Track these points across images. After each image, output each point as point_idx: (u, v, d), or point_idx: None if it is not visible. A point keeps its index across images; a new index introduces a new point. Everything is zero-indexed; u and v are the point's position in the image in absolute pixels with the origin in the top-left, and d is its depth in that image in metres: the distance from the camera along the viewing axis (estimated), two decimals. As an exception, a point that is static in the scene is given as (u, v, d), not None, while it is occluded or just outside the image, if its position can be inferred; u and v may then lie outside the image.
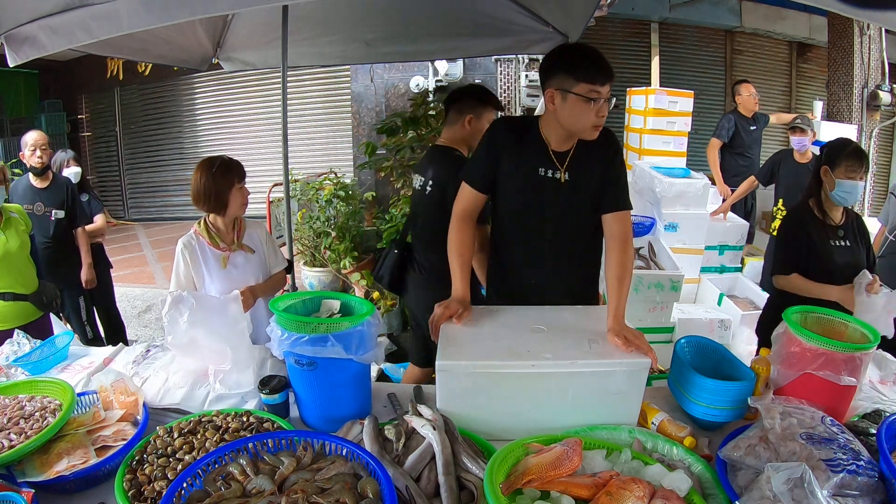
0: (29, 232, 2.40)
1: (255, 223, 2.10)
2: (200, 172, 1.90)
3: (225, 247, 1.96)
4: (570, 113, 1.50)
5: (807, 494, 0.91)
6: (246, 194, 1.96)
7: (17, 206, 2.48)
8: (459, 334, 1.37)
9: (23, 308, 2.33)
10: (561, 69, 1.49)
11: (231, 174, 1.91)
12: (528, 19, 2.76)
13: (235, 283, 1.90)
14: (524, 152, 1.63)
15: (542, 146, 1.62)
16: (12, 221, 2.33)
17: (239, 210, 1.96)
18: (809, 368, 1.26)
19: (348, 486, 0.97)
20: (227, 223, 1.98)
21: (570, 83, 1.47)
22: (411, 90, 4.74)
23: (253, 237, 2.04)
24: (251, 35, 3.07)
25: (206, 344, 1.47)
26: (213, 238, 1.95)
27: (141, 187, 8.05)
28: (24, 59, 1.82)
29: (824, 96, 5.33)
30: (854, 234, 2.13)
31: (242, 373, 1.47)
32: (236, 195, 1.93)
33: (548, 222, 1.67)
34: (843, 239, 2.09)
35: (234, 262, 1.96)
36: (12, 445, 1.12)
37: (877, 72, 5.07)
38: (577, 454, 1.04)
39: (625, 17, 5.90)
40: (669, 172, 3.73)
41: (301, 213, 4.53)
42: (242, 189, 1.95)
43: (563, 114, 1.52)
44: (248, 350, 1.51)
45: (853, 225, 2.14)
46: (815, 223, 2.10)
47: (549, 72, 1.53)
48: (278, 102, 2.92)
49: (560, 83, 1.49)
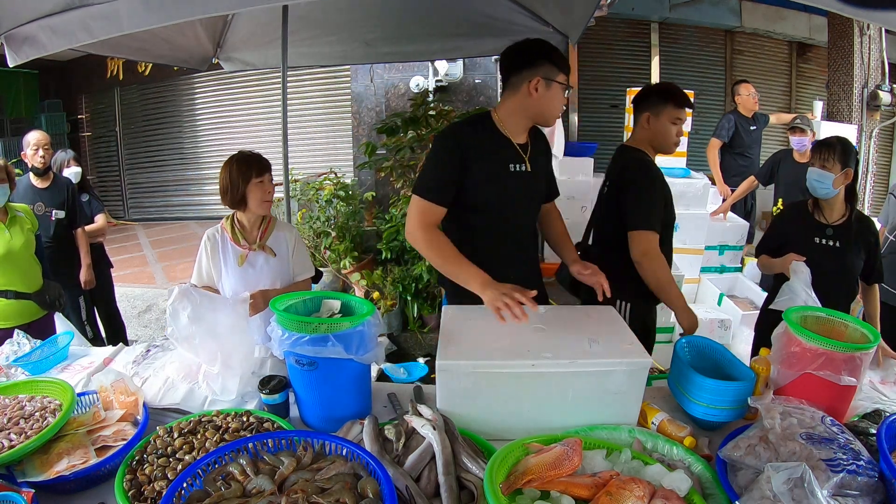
0: (35, 231, 2.42)
1: (286, 226, 2.03)
2: (223, 167, 1.85)
3: (246, 245, 1.90)
4: (551, 100, 1.62)
5: (807, 494, 0.91)
6: (266, 190, 1.86)
7: (24, 205, 2.50)
8: (459, 334, 1.37)
9: (25, 307, 2.34)
10: (547, 60, 1.60)
11: (248, 169, 1.83)
12: (528, 19, 2.77)
13: (249, 284, 1.86)
14: (493, 151, 1.65)
15: (507, 141, 1.67)
16: (18, 220, 2.34)
17: (259, 207, 1.87)
18: (809, 368, 1.26)
19: (348, 486, 0.97)
20: (253, 221, 1.92)
21: (555, 73, 1.60)
22: (411, 90, 4.74)
23: (279, 239, 1.96)
24: (251, 35, 3.07)
25: (202, 342, 1.47)
26: (236, 234, 1.90)
27: (141, 187, 8.06)
28: (24, 59, 1.83)
29: (824, 96, 5.33)
30: (850, 237, 2.04)
31: (229, 379, 1.44)
32: (254, 191, 1.84)
33: (521, 214, 1.76)
34: (831, 239, 2.04)
35: (253, 262, 1.90)
36: (12, 445, 1.12)
37: (877, 72, 5.07)
38: (577, 454, 1.04)
39: (625, 17, 5.90)
40: (669, 172, 3.70)
41: (301, 213, 4.53)
42: (262, 184, 1.85)
43: (543, 101, 1.61)
44: (242, 358, 1.47)
45: (853, 228, 2.05)
46: (804, 220, 2.11)
47: (532, 62, 1.60)
48: (278, 102, 2.92)
49: (546, 72, 1.59)
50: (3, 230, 2.28)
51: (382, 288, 4.19)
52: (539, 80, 1.58)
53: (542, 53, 1.61)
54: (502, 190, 1.66)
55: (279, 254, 1.94)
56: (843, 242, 2.04)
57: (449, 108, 4.21)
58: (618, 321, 1.46)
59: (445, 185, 1.61)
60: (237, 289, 1.85)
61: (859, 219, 2.09)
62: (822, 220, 2.08)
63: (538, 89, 1.59)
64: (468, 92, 4.92)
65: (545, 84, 1.59)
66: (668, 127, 1.92)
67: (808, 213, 2.12)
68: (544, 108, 1.63)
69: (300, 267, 2.00)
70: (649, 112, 1.93)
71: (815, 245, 2.05)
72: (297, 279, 1.99)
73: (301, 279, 2.00)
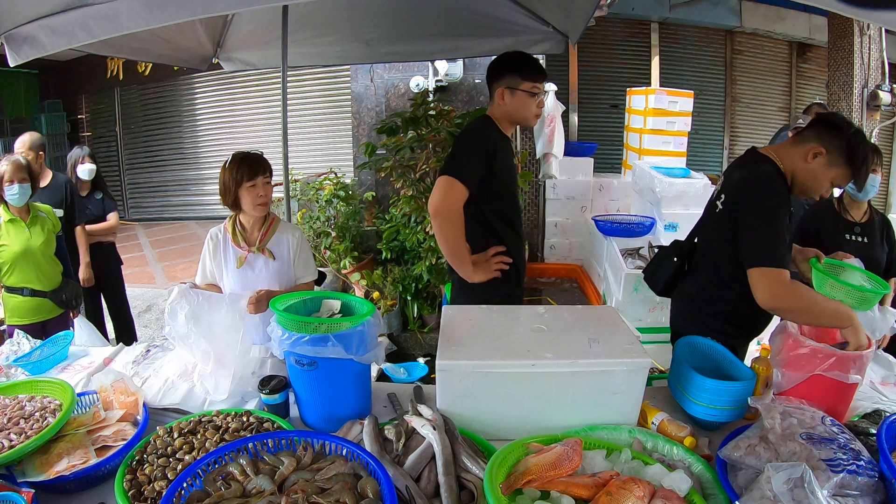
0: (56, 232, 2.53)
1: (290, 228, 1.98)
2: (222, 168, 1.85)
3: (245, 247, 1.88)
4: (518, 106, 1.83)
5: (807, 494, 0.91)
6: (258, 193, 1.82)
7: (47, 206, 2.59)
8: (459, 334, 1.37)
9: (42, 304, 2.45)
10: (510, 70, 1.81)
11: (239, 172, 1.81)
12: (528, 19, 2.76)
13: (248, 286, 1.82)
14: (505, 148, 1.90)
15: (508, 140, 1.93)
16: (39, 219, 2.46)
17: (253, 210, 1.84)
18: (819, 369, 1.25)
19: (348, 486, 0.97)
20: (253, 222, 1.90)
21: (518, 81, 1.80)
22: (411, 90, 4.73)
23: (281, 242, 1.92)
24: (251, 35, 3.07)
25: (196, 341, 1.47)
26: (237, 235, 1.89)
27: (141, 187, 8.06)
28: (24, 59, 1.82)
29: (824, 96, 5.33)
30: (876, 233, 2.23)
31: (222, 378, 1.44)
32: (246, 195, 1.82)
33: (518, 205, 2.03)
34: (860, 235, 2.20)
35: (252, 264, 1.88)
36: (12, 445, 1.12)
37: (877, 72, 5.07)
38: (577, 454, 1.04)
39: (625, 17, 5.90)
40: (669, 172, 3.73)
41: (301, 213, 4.53)
42: (255, 188, 1.81)
43: (511, 108, 1.84)
44: (236, 357, 1.47)
45: (878, 225, 2.25)
46: (832, 218, 2.24)
47: (499, 74, 1.84)
48: (278, 102, 2.92)
49: (509, 82, 1.81)
50: (24, 229, 2.39)
51: (382, 288, 4.18)
52: (503, 89, 1.82)
53: (506, 65, 1.83)
54: (511, 180, 1.95)
55: (279, 256, 1.90)
56: (870, 238, 2.21)
57: (449, 108, 4.21)
58: (618, 321, 1.46)
59: (473, 171, 1.77)
60: (236, 290, 1.84)
61: (879, 217, 2.28)
62: (850, 218, 2.23)
63: (504, 98, 1.83)
64: (468, 92, 4.92)
65: (510, 93, 1.82)
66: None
67: (835, 212, 2.25)
68: (513, 113, 1.85)
69: (303, 269, 1.96)
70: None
71: (847, 241, 2.19)
72: (299, 281, 1.96)
73: (303, 282, 1.96)
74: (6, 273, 2.39)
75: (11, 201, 2.35)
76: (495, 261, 1.86)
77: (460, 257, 1.82)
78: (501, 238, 1.90)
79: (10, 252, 2.35)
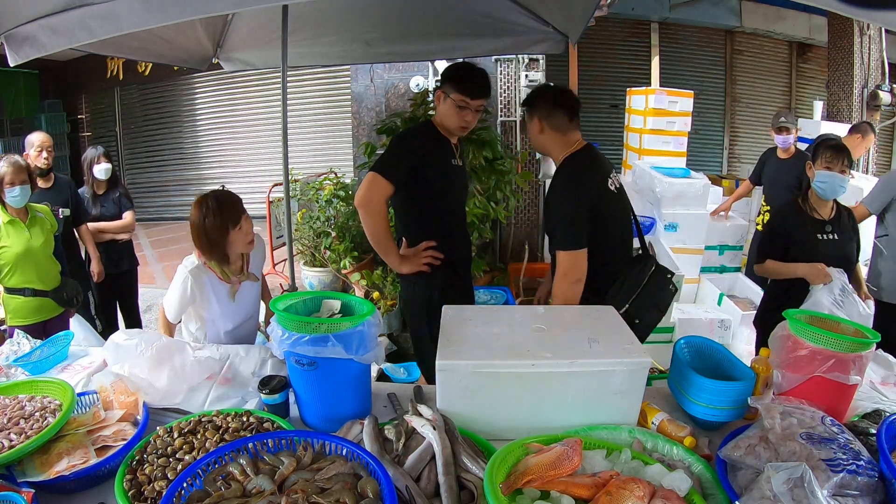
0: (54, 232, 2.54)
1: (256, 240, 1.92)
2: (194, 213, 1.73)
3: (235, 279, 1.84)
4: (444, 113, 1.94)
5: (807, 494, 0.91)
6: (245, 231, 1.77)
7: (44, 206, 2.60)
8: (459, 334, 1.37)
9: (43, 304, 2.46)
10: (450, 80, 1.92)
11: (223, 219, 1.71)
12: (528, 19, 2.77)
13: (242, 312, 1.89)
14: (440, 151, 1.98)
15: (447, 140, 2.00)
16: (38, 220, 2.47)
17: (244, 250, 1.82)
18: (819, 371, 1.25)
19: (348, 486, 0.97)
20: (236, 257, 1.86)
21: (450, 90, 1.90)
22: (411, 90, 4.73)
23: (255, 259, 1.93)
24: (251, 35, 3.07)
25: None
26: (225, 272, 1.82)
27: (141, 187, 8.05)
28: (24, 59, 1.83)
29: (824, 96, 5.34)
30: (844, 227, 2.23)
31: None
32: (234, 239, 1.75)
33: (459, 200, 2.15)
34: (831, 233, 2.19)
35: (241, 291, 1.87)
36: (12, 445, 1.12)
37: (877, 72, 5.08)
38: (577, 454, 1.04)
39: (625, 17, 5.91)
40: (669, 172, 3.73)
41: (301, 213, 4.52)
42: (242, 229, 1.76)
43: (440, 112, 1.96)
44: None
45: (843, 219, 2.24)
46: (801, 219, 2.21)
47: (443, 79, 1.95)
48: (278, 102, 2.92)
49: (445, 89, 1.92)
50: (24, 230, 2.40)
51: (382, 288, 4.18)
52: (440, 93, 1.94)
53: (449, 72, 1.96)
54: (448, 179, 2.00)
55: (256, 270, 1.95)
56: (840, 234, 2.21)
57: (449, 108, 4.21)
58: (618, 321, 1.46)
59: (399, 169, 1.87)
60: (232, 319, 1.87)
61: (844, 210, 2.28)
62: (818, 216, 2.21)
63: (439, 101, 1.96)
64: (468, 92, 4.92)
65: (443, 97, 1.93)
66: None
67: (803, 212, 2.23)
68: (442, 118, 1.97)
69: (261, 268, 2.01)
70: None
71: (820, 241, 2.18)
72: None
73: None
74: (7, 274, 2.39)
75: (13, 203, 2.36)
76: (425, 255, 1.97)
77: (385, 247, 1.94)
78: (434, 234, 2.01)
79: (11, 253, 2.36)
